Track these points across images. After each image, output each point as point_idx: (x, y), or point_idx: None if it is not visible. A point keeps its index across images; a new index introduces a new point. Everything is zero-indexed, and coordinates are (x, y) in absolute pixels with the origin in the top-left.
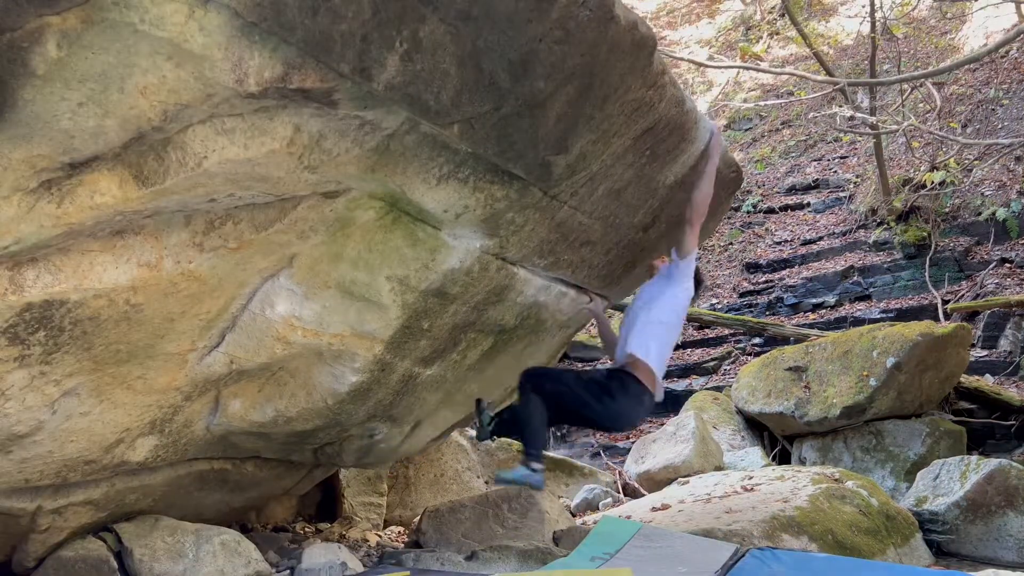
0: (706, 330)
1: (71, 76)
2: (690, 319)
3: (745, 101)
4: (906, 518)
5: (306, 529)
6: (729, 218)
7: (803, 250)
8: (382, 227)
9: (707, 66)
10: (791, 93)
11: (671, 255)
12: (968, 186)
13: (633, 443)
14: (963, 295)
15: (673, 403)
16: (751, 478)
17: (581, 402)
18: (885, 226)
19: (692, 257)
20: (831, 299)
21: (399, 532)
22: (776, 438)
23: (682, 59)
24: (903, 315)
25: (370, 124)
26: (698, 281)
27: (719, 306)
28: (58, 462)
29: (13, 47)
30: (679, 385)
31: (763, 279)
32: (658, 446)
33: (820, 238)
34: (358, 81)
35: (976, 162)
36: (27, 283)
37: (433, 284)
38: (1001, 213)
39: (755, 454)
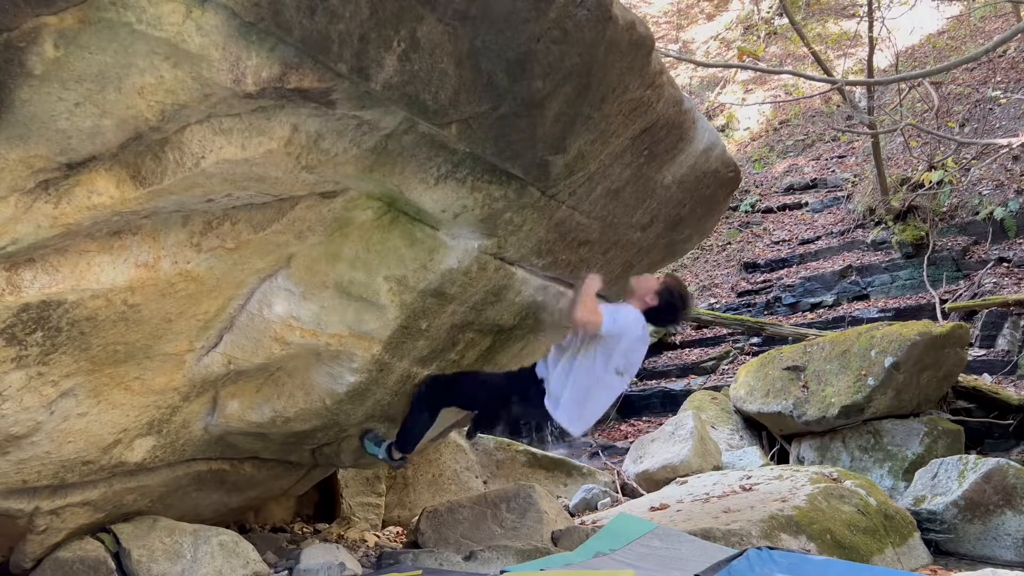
0: (704, 330)
1: (68, 76)
2: (688, 319)
3: (743, 100)
4: (904, 517)
5: (304, 529)
6: (727, 218)
7: (801, 249)
8: (380, 227)
9: (706, 65)
10: (789, 93)
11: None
12: (966, 185)
13: (632, 443)
14: (961, 294)
15: (671, 403)
16: (749, 478)
17: (481, 405)
18: (883, 225)
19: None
20: (829, 298)
21: (397, 532)
22: (774, 437)
23: (680, 59)
24: (901, 314)
25: (368, 124)
26: (672, 307)
27: (717, 306)
28: (56, 463)
29: (10, 47)
30: (677, 385)
31: (761, 279)
32: (656, 446)
33: (818, 237)
34: (356, 81)
35: (974, 161)
36: (24, 284)
37: (431, 284)
38: (999, 212)
39: (753, 453)
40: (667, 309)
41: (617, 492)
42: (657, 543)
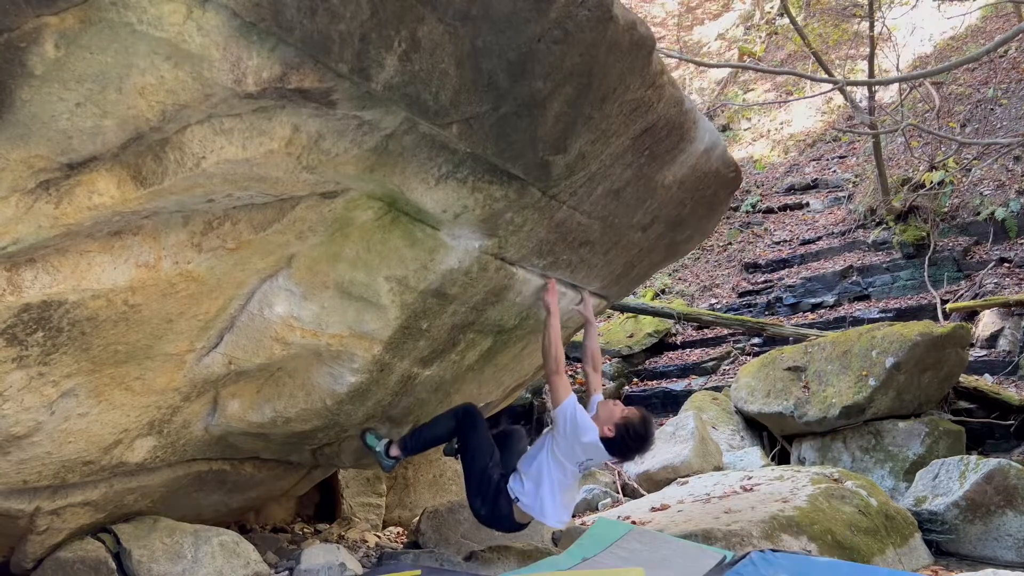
0: (705, 330)
1: (69, 76)
2: (689, 319)
3: (744, 101)
4: (905, 518)
5: (305, 530)
6: (728, 218)
7: (802, 250)
8: (381, 227)
9: (706, 65)
10: (790, 93)
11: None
12: (967, 186)
13: None
14: (962, 295)
15: (672, 403)
16: (750, 478)
17: (468, 471)
18: (884, 226)
19: (567, 405)
20: (830, 299)
21: (398, 533)
22: (775, 438)
23: (681, 59)
24: (902, 315)
25: (369, 124)
26: (627, 445)
27: (718, 306)
28: (56, 463)
29: (11, 47)
30: (678, 385)
31: (762, 279)
32: (657, 446)
33: (819, 238)
34: (356, 81)
35: (975, 162)
36: (25, 284)
37: (432, 284)
38: (1000, 213)
39: (754, 454)
40: (620, 445)
41: (618, 492)
42: (637, 545)
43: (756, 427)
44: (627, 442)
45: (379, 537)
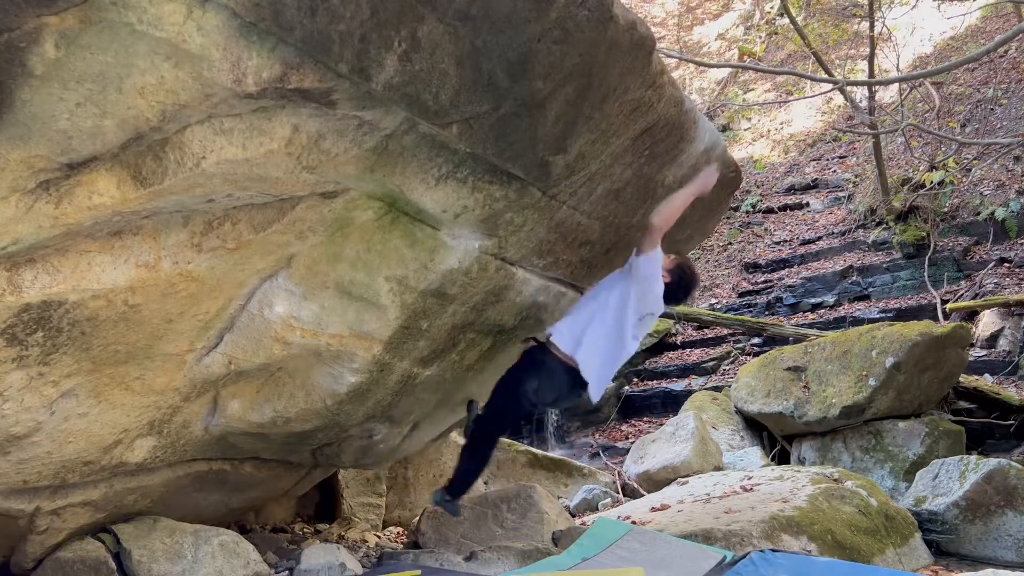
0: (705, 330)
1: (69, 76)
2: (689, 319)
3: (744, 101)
4: (905, 518)
5: (305, 530)
6: (728, 218)
7: (802, 250)
8: (381, 227)
9: (706, 65)
10: (790, 93)
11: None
12: (967, 186)
13: (633, 443)
14: (962, 295)
15: (672, 403)
16: (750, 478)
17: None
18: (884, 226)
19: (652, 256)
20: (830, 299)
21: (398, 533)
22: (775, 438)
23: (681, 59)
24: (902, 315)
25: (369, 124)
26: (685, 284)
27: (718, 306)
28: (56, 463)
29: (11, 47)
30: (678, 385)
31: (762, 279)
32: (657, 446)
33: (819, 238)
34: (356, 81)
35: (975, 162)
36: (25, 284)
37: (432, 284)
38: (1000, 213)
39: (754, 454)
40: (679, 286)
41: (618, 493)
42: (637, 545)
43: (756, 427)
44: (684, 279)
45: (379, 537)
